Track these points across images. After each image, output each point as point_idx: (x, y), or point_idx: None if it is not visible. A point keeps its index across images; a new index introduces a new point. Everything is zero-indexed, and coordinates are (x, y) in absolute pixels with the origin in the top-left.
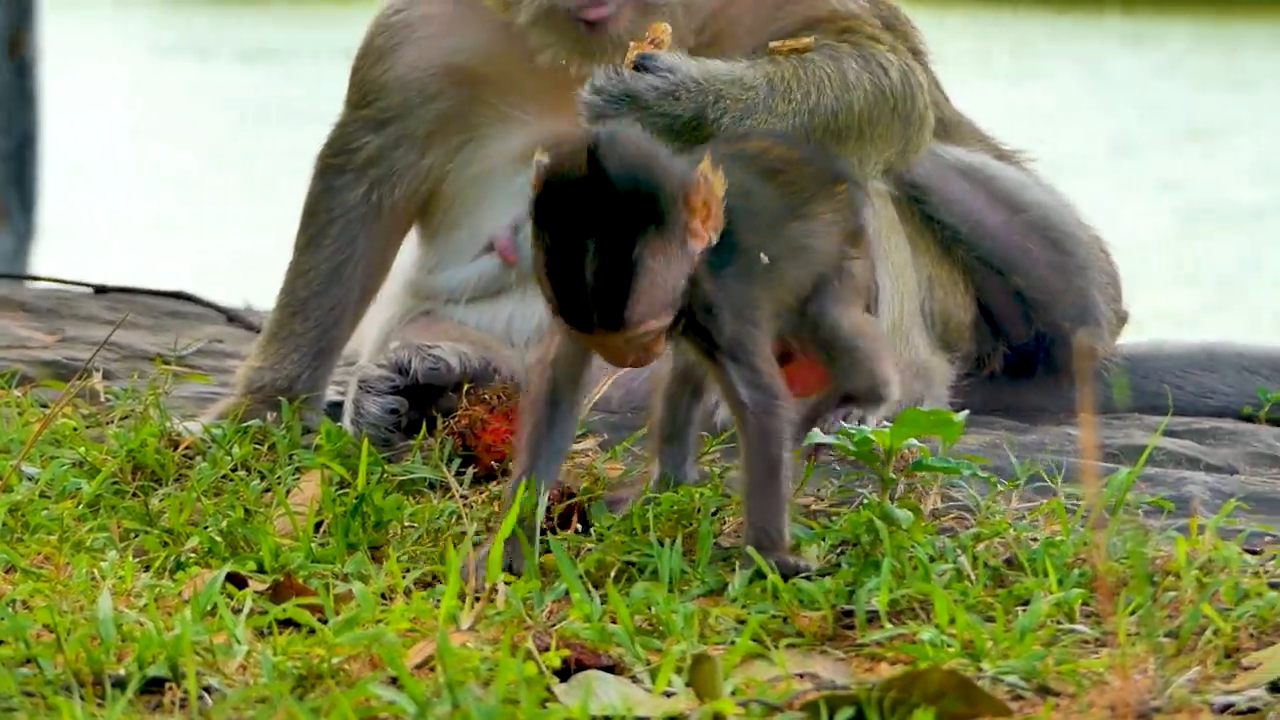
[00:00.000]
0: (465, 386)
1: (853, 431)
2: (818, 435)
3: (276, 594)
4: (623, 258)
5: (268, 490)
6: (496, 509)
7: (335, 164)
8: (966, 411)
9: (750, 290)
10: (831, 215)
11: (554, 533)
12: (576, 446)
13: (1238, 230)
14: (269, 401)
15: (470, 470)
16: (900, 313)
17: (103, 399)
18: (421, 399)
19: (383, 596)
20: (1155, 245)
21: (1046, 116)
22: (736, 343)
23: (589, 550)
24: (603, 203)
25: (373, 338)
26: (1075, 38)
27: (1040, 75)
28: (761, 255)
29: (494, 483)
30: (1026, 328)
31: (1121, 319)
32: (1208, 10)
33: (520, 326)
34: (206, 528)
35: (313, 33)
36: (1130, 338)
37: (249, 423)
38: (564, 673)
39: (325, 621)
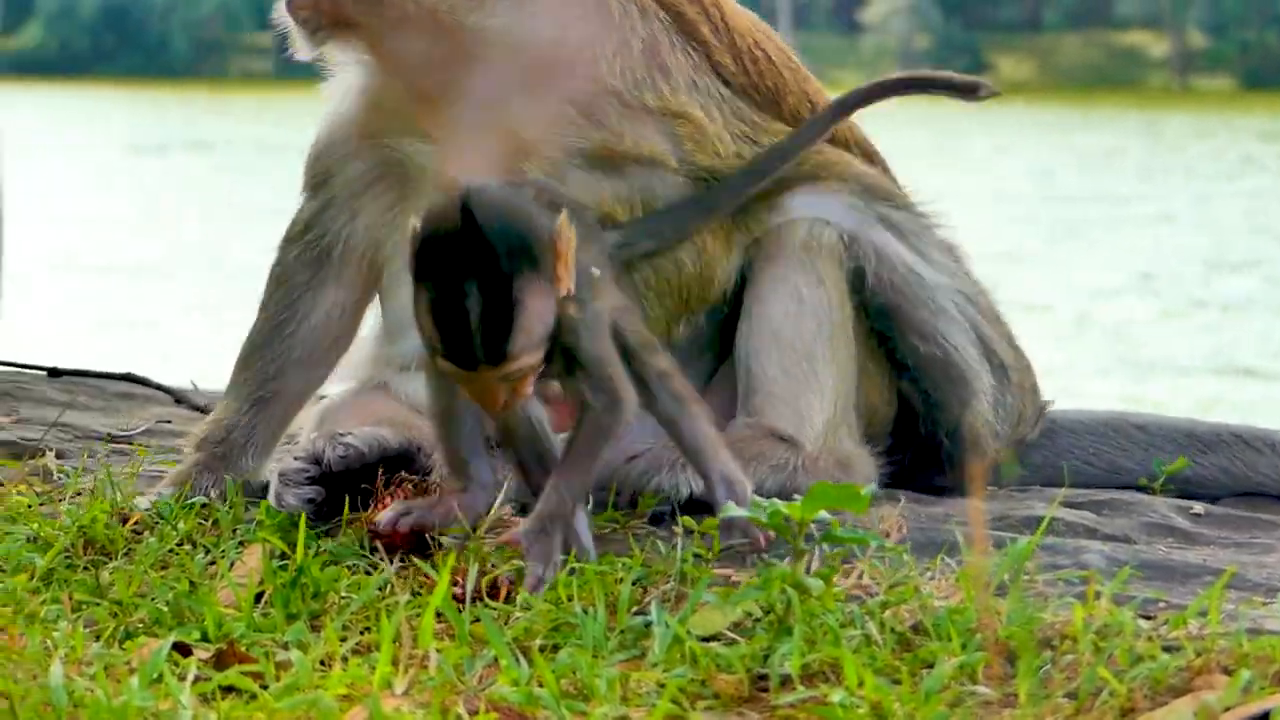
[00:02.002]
0: (381, 475)
1: (765, 505)
2: (732, 508)
3: (220, 661)
4: (504, 297)
5: (212, 563)
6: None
7: (288, 236)
8: (874, 485)
9: (595, 306)
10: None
11: (483, 602)
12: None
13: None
14: (211, 454)
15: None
16: (836, 408)
17: (55, 477)
18: (339, 483)
19: (321, 663)
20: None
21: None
22: (597, 359)
23: (517, 618)
24: (483, 248)
25: (315, 412)
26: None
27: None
28: (592, 270)
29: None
30: (930, 431)
31: (1036, 412)
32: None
33: None
34: (154, 599)
35: (279, 129)
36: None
37: (195, 499)
38: None
39: (266, 687)
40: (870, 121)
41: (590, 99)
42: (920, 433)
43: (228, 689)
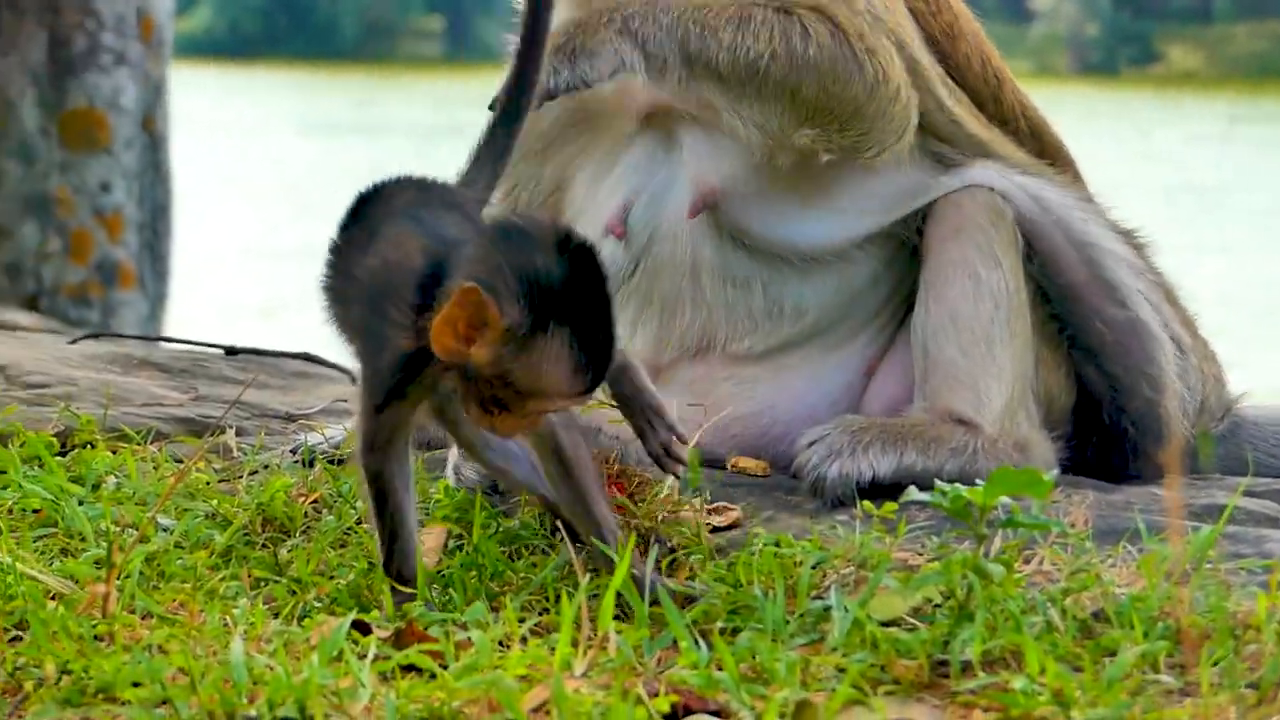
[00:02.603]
0: None
1: (947, 489)
2: (914, 493)
3: (399, 641)
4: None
5: None
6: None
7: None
8: (1056, 471)
9: None
10: None
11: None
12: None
13: None
14: None
15: None
16: (1014, 392)
17: (234, 454)
18: None
19: (500, 644)
20: None
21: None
22: None
23: (695, 601)
24: (599, 282)
25: None
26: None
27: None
28: None
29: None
30: (1115, 418)
31: (1222, 406)
32: None
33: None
34: (333, 577)
35: (448, 112)
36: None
37: None
38: (672, 717)
39: (446, 667)
40: (1050, 112)
41: None
42: (1104, 421)
43: (407, 668)
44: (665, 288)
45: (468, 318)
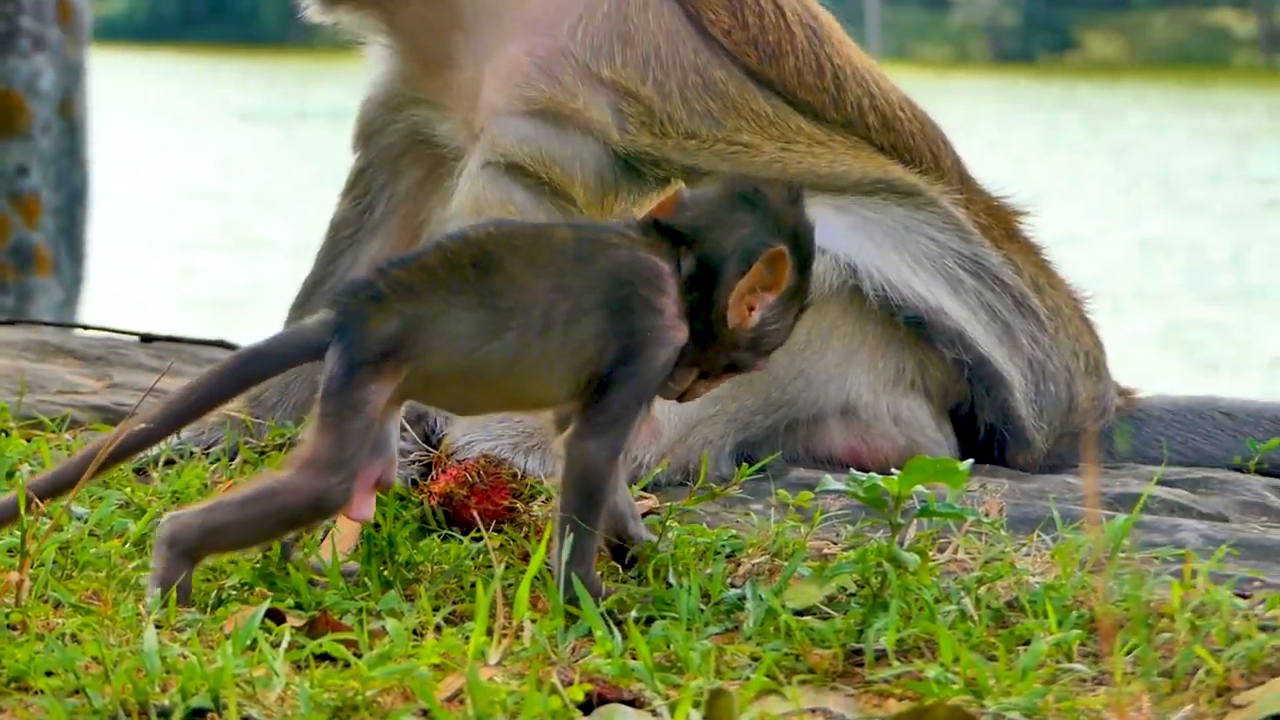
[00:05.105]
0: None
1: (862, 479)
2: (830, 481)
3: (313, 630)
4: None
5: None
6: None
7: (343, 190)
8: (971, 460)
9: None
10: None
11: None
12: None
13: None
14: (242, 409)
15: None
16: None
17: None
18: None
19: (415, 633)
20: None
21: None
22: None
23: (610, 591)
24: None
25: None
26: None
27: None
28: None
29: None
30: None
31: (1098, 402)
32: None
33: None
34: (249, 564)
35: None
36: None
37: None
38: (586, 706)
39: (360, 656)
40: (966, 101)
41: (549, 56)
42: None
43: (321, 657)
44: None
45: (766, 283)
